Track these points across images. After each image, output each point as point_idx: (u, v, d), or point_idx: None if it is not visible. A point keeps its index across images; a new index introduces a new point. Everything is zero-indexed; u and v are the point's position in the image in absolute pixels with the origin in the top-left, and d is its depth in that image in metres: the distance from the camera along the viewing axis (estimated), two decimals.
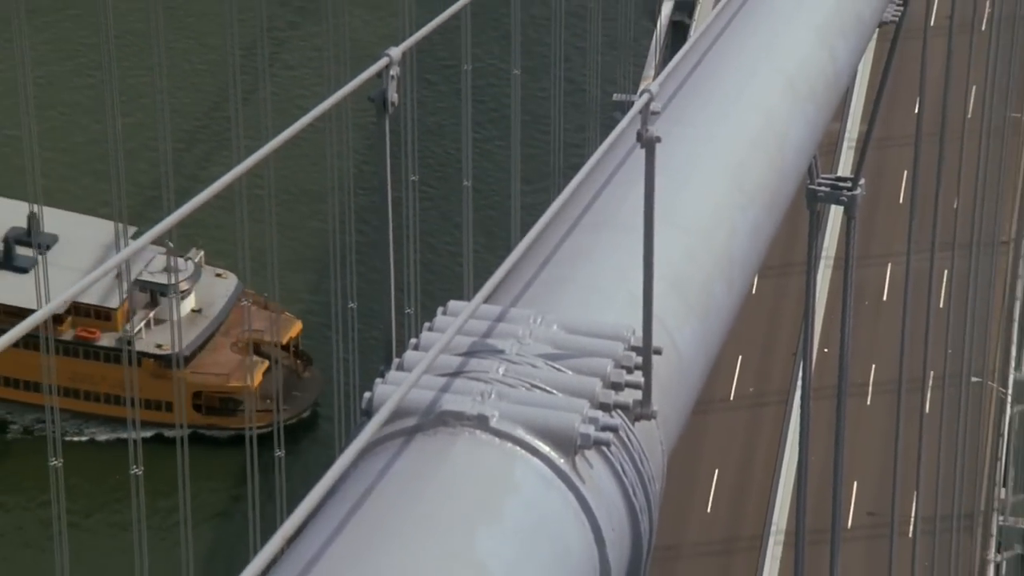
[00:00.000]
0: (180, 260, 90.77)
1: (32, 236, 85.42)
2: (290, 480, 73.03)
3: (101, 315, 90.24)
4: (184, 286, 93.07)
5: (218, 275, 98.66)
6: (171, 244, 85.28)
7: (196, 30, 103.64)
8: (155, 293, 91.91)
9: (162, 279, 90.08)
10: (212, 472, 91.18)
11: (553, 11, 74.80)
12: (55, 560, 64.31)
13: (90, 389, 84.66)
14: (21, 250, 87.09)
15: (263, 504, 70.04)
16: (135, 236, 78.81)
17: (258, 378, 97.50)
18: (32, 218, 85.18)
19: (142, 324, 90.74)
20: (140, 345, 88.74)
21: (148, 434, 79.76)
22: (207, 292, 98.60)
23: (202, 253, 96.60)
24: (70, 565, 63.39)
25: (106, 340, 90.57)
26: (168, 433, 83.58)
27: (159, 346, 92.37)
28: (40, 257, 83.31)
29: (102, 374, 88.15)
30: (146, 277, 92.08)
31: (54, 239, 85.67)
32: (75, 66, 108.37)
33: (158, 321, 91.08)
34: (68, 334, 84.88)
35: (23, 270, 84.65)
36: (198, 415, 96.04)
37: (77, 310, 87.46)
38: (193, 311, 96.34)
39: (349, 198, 68.74)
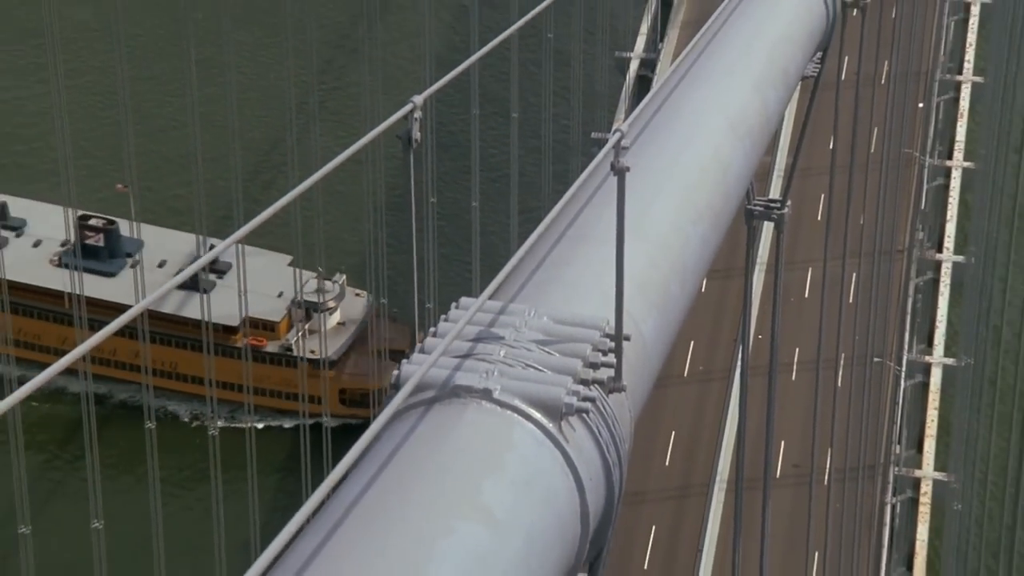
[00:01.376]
0: (328, 282, 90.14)
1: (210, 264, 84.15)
2: None
3: (268, 327, 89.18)
4: (331, 304, 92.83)
5: (357, 294, 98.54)
6: (320, 270, 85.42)
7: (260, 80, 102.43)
8: (309, 310, 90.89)
9: (314, 298, 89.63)
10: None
11: (544, 70, 74.76)
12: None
13: (259, 386, 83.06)
14: (201, 275, 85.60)
15: None
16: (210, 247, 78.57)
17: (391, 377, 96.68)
18: (213, 249, 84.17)
19: (299, 335, 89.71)
20: (297, 352, 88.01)
21: (311, 422, 79.03)
22: (349, 308, 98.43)
23: (344, 276, 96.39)
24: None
25: (271, 347, 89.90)
26: (323, 421, 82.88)
27: (312, 352, 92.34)
28: (218, 280, 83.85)
29: (267, 374, 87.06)
30: (303, 297, 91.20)
31: (228, 266, 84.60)
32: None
33: (311, 332, 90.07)
34: (241, 342, 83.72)
35: (205, 292, 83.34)
36: (342, 407, 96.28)
37: (253, 324, 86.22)
38: (338, 324, 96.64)
39: (381, 216, 68.76)
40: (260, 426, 74.09)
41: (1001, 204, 58.53)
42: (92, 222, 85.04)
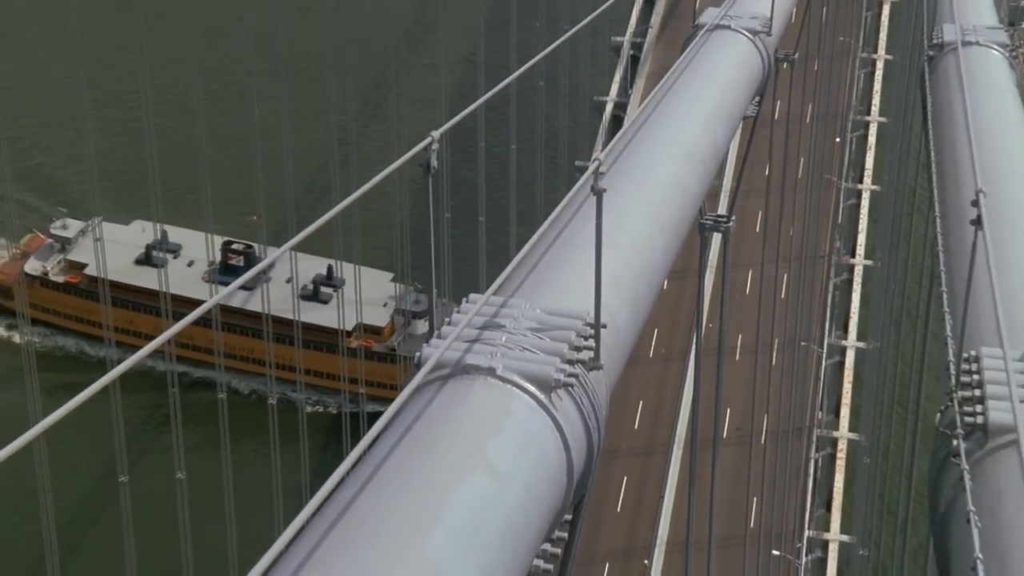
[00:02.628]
0: (422, 295, 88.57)
1: (331, 280, 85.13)
2: None
3: (375, 331, 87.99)
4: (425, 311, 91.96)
5: (443, 303, 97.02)
6: (418, 285, 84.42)
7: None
8: (407, 317, 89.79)
9: (413, 307, 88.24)
10: None
11: (537, 110, 74.69)
12: None
13: (369, 379, 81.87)
14: (323, 289, 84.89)
15: None
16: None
17: None
18: (331, 268, 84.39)
19: (400, 338, 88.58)
20: (400, 351, 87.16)
21: None
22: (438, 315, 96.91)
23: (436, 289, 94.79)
24: None
25: (378, 348, 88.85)
26: None
27: (412, 351, 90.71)
28: (336, 293, 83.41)
29: (375, 370, 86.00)
30: (403, 307, 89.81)
31: (343, 282, 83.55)
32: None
33: (410, 336, 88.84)
34: (355, 344, 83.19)
35: (324, 302, 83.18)
36: None
37: (364, 328, 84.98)
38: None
39: (406, 229, 68.82)
40: (370, 410, 72.86)
41: (900, 219, 58.45)
42: (234, 246, 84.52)
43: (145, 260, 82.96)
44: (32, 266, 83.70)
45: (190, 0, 79.71)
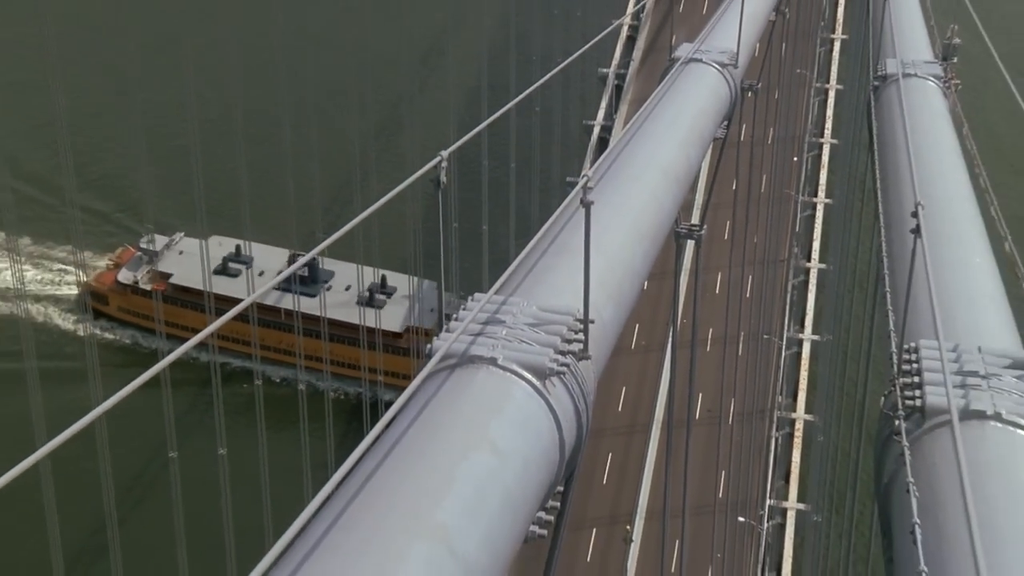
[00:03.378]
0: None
1: (380, 289, 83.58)
2: None
3: (425, 332, 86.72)
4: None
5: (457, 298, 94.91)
6: (462, 293, 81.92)
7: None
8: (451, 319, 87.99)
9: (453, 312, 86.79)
10: None
11: (533, 132, 74.66)
12: None
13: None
14: (378, 296, 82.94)
15: None
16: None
17: None
18: (384, 278, 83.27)
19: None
20: None
21: None
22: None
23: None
24: None
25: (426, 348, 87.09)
26: None
27: None
28: (387, 299, 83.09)
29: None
30: (446, 311, 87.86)
31: (395, 289, 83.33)
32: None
33: None
34: (404, 344, 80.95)
35: (379, 307, 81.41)
36: None
37: (417, 331, 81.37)
38: None
39: (418, 238, 68.70)
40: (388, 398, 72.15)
41: (850, 228, 58.38)
42: (300, 256, 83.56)
43: (222, 271, 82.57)
44: (124, 276, 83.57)
45: (226, 36, 79.27)
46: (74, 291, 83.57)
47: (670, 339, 52.48)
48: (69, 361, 72.21)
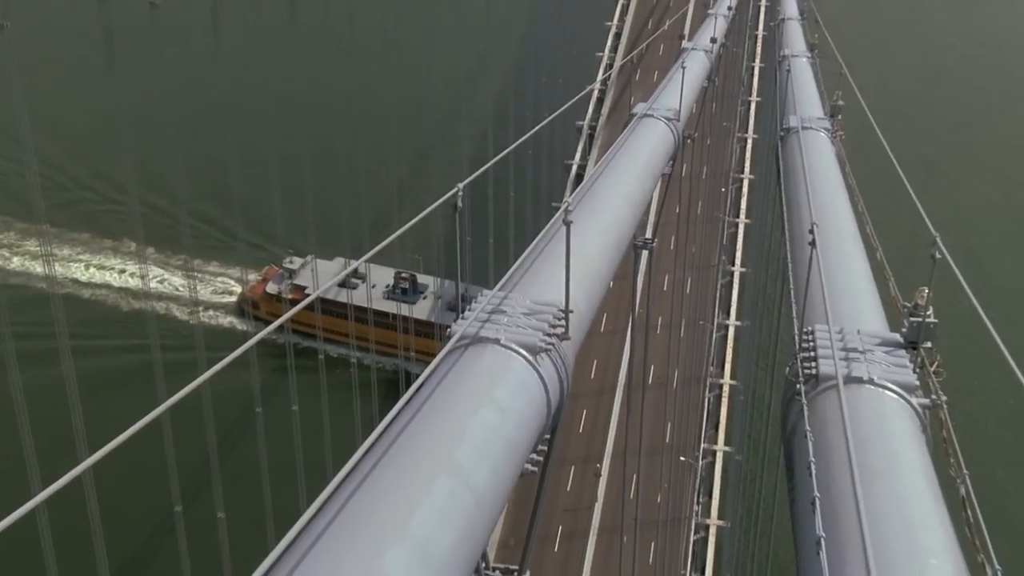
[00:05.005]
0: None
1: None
2: None
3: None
4: None
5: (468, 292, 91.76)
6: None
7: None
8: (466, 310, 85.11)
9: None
10: None
11: (527, 169, 74.51)
12: None
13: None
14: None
15: None
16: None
17: None
18: (415, 277, 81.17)
19: None
20: None
21: None
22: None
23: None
24: None
25: None
26: None
27: None
28: (422, 297, 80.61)
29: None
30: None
31: (426, 287, 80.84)
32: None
33: None
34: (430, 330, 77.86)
35: (412, 303, 78.13)
36: None
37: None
38: None
39: (441, 252, 68.50)
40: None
41: (763, 241, 58.58)
42: (403, 275, 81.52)
43: (344, 284, 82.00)
44: (270, 288, 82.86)
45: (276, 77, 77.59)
46: (233, 299, 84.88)
47: (630, 325, 52.52)
48: (226, 352, 71.18)
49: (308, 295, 79.01)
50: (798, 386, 11.68)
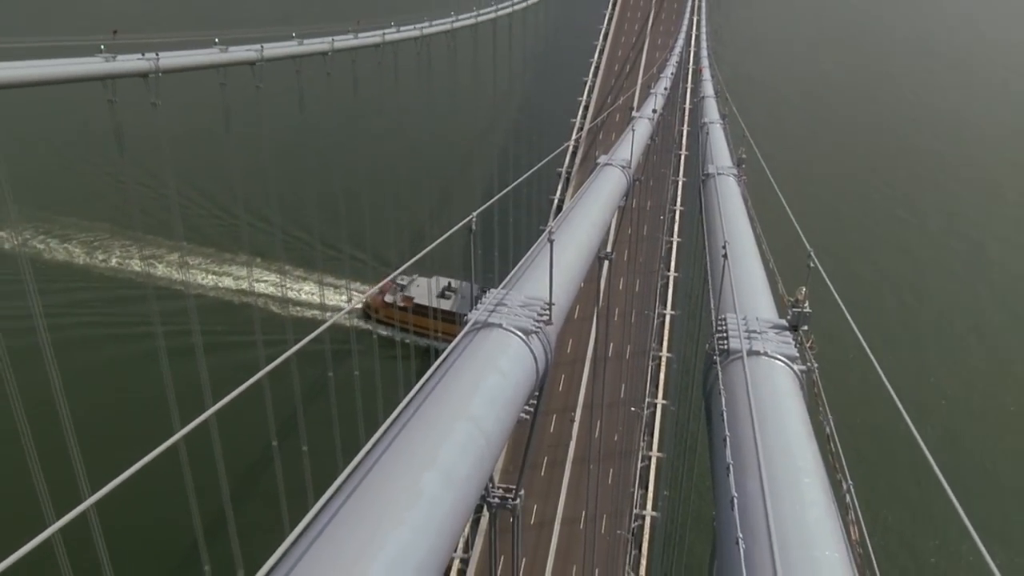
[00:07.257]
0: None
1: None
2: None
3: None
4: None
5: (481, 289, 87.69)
6: (484, 288, 76.94)
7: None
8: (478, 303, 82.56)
9: None
10: None
11: (522, 203, 74.10)
12: None
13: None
14: (448, 292, 77.27)
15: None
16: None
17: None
18: (450, 283, 78.39)
19: None
20: None
21: None
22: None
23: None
24: None
25: None
26: None
27: None
28: (453, 295, 78.05)
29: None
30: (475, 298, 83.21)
31: (457, 287, 76.90)
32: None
33: None
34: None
35: (448, 299, 75.10)
36: None
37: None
38: None
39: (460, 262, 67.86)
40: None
41: (692, 255, 58.56)
42: (444, 283, 79.16)
43: (441, 295, 78.96)
44: (388, 298, 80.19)
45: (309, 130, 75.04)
46: (358, 307, 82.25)
47: (595, 314, 52.63)
48: (347, 345, 70.37)
49: (418, 304, 76.44)
50: (714, 357, 11.79)
